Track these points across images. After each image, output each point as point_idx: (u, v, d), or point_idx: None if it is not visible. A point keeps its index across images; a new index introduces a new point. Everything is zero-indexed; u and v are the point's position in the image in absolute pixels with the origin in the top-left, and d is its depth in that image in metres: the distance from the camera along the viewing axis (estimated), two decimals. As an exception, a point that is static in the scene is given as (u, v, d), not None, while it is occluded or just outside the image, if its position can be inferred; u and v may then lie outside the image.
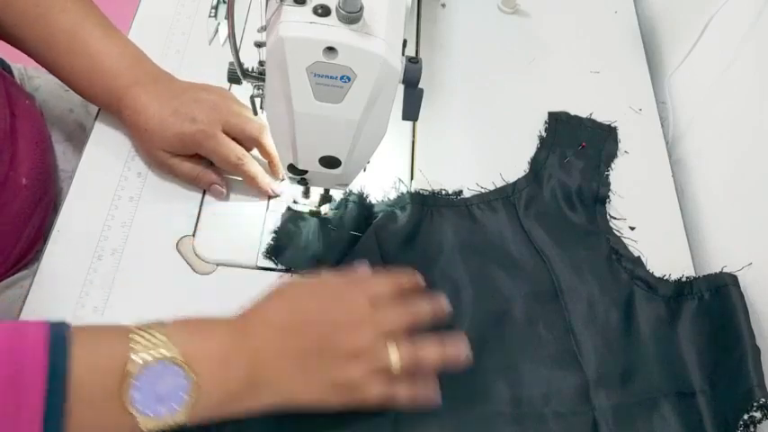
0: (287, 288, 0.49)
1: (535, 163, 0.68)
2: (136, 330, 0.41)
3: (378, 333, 0.47)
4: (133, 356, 0.39)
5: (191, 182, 0.61)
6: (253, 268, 0.59)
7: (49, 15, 0.58)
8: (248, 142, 0.60)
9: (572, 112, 0.75)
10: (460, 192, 0.65)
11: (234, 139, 0.59)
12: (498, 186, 0.66)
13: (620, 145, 0.72)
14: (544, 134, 0.71)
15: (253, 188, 0.61)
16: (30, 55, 0.60)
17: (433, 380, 0.49)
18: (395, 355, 0.46)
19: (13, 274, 0.62)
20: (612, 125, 0.72)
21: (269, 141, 0.60)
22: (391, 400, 0.47)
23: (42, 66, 0.61)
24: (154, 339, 0.40)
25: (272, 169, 0.62)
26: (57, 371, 0.37)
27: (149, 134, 0.58)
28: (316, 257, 0.58)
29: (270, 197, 0.62)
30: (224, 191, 0.61)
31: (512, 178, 0.69)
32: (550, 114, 0.72)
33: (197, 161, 0.60)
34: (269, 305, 0.47)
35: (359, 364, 0.46)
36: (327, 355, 0.45)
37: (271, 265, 0.59)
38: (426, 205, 0.63)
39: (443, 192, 0.64)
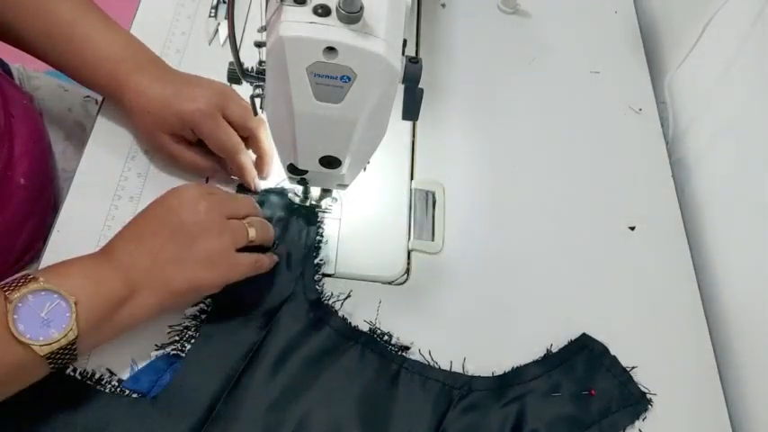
0: (136, 215, 0.53)
1: (514, 374, 0.56)
2: (5, 283, 0.45)
3: (218, 209, 0.52)
4: (8, 294, 0.43)
5: (192, 169, 0.61)
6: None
7: (48, 6, 0.58)
8: (244, 132, 0.60)
9: (572, 113, 0.74)
10: (407, 348, 0.56)
11: (235, 123, 0.59)
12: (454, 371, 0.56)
13: (619, 145, 0.72)
14: (552, 348, 0.59)
15: (239, 179, 0.61)
16: (30, 49, 0.60)
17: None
18: (252, 230, 0.53)
19: (12, 274, 0.62)
20: (649, 395, 0.57)
21: (264, 137, 0.60)
22: (260, 267, 0.54)
23: (43, 59, 0.61)
24: (27, 282, 0.44)
25: (259, 166, 0.62)
26: None
27: (152, 116, 0.58)
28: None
29: (251, 191, 0.62)
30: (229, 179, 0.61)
31: (511, 177, 0.69)
32: (581, 338, 0.59)
33: (198, 149, 0.60)
34: (120, 231, 0.52)
35: (219, 238, 0.51)
36: (180, 238, 0.50)
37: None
38: (354, 339, 0.55)
39: (388, 337, 0.56)
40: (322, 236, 0.60)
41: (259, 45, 0.47)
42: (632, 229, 0.67)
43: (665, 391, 0.58)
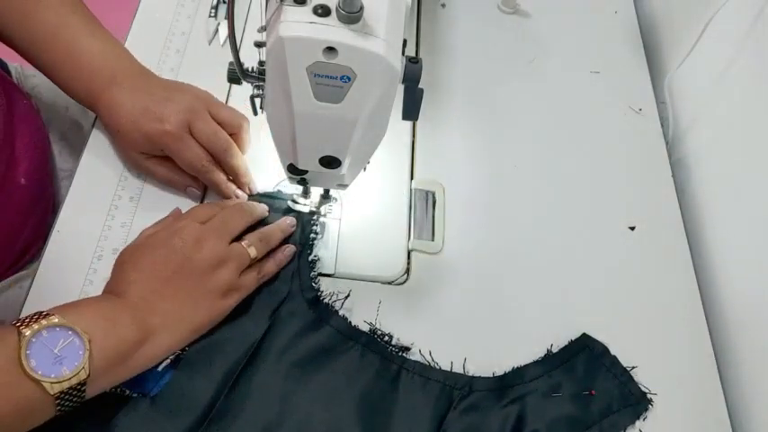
0: (124, 253, 0.53)
1: (514, 375, 0.56)
2: (18, 320, 0.44)
3: (223, 239, 0.53)
4: (22, 330, 0.42)
5: (167, 184, 0.61)
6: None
7: (34, 12, 0.58)
8: (219, 149, 0.58)
9: (572, 112, 0.74)
10: (408, 349, 0.56)
11: (202, 142, 0.58)
12: (454, 371, 0.56)
13: (619, 145, 0.72)
14: (552, 349, 0.59)
15: (218, 194, 0.61)
16: (18, 53, 0.60)
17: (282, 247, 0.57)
18: (252, 249, 0.54)
19: (12, 274, 0.62)
20: (650, 395, 0.57)
21: (235, 154, 0.59)
22: (264, 277, 0.55)
23: (34, 65, 0.60)
24: (41, 319, 0.44)
25: (238, 184, 0.61)
26: None
27: (121, 135, 0.58)
28: None
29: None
30: (199, 192, 0.61)
31: (511, 177, 0.69)
32: (581, 339, 0.59)
33: (172, 163, 0.59)
34: (119, 271, 0.51)
35: (225, 268, 0.52)
36: (192, 277, 0.50)
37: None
38: (354, 339, 0.55)
39: (387, 337, 0.56)
40: (316, 233, 0.60)
41: (259, 45, 0.47)
42: (632, 229, 0.67)
43: (665, 391, 0.58)
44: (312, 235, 0.60)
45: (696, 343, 0.62)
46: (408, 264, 0.62)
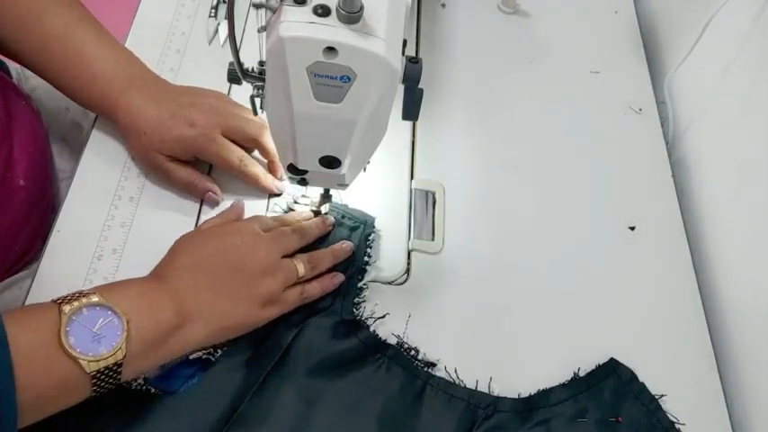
0: (185, 237, 0.53)
1: (540, 397, 0.56)
2: (60, 297, 0.45)
3: (278, 250, 0.53)
4: (63, 307, 0.43)
5: (186, 188, 0.61)
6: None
7: (42, 20, 0.58)
8: (248, 143, 0.60)
9: (572, 112, 0.74)
10: (434, 364, 0.56)
11: (233, 141, 0.59)
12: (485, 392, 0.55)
13: (619, 145, 0.72)
14: (579, 372, 0.58)
15: (257, 188, 0.61)
16: (25, 63, 0.60)
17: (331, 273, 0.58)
18: (300, 266, 0.54)
19: (11, 275, 0.62)
20: (678, 425, 0.56)
21: (269, 141, 0.60)
22: (306, 298, 0.55)
23: (39, 74, 0.60)
24: (83, 297, 0.44)
25: (271, 168, 0.62)
26: None
27: (147, 137, 0.58)
28: None
29: (273, 195, 0.62)
30: (219, 199, 0.61)
31: (511, 177, 0.69)
32: (610, 363, 0.58)
33: (194, 167, 0.60)
34: (172, 255, 0.52)
35: (272, 278, 0.52)
36: (241, 277, 0.51)
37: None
38: (380, 352, 0.55)
39: (414, 352, 0.56)
40: (370, 256, 0.60)
41: (262, 30, 0.46)
42: (632, 229, 0.67)
43: (665, 392, 0.58)
44: (366, 258, 0.59)
45: (696, 343, 0.62)
46: (408, 264, 0.62)
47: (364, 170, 0.55)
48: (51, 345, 0.42)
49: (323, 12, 0.41)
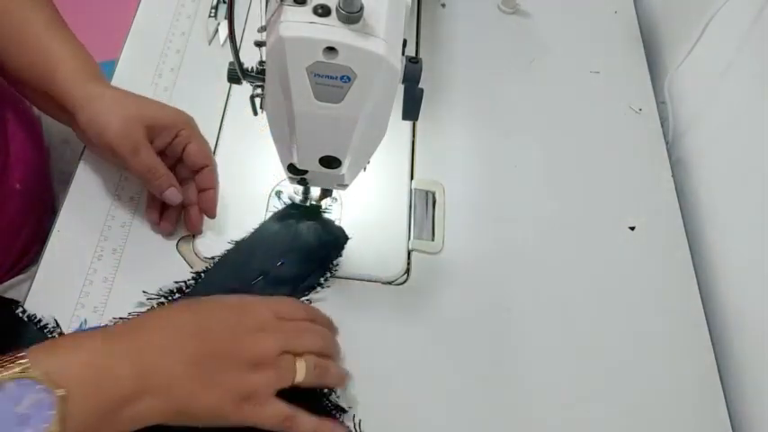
0: (192, 300, 0.48)
1: None
2: None
3: (281, 344, 0.46)
4: None
5: (147, 173, 0.55)
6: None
7: (20, 16, 0.56)
8: (204, 162, 0.58)
9: (572, 112, 0.75)
10: (344, 411, 0.53)
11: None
12: None
13: (619, 145, 0.72)
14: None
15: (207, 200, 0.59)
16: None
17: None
18: (301, 370, 0.46)
19: (10, 278, 0.62)
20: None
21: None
22: (291, 426, 0.45)
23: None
24: (10, 363, 0.37)
25: (209, 208, 0.59)
26: None
27: (125, 113, 0.54)
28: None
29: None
30: (177, 200, 0.57)
31: (511, 177, 0.69)
32: None
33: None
34: (171, 308, 0.47)
35: (261, 374, 0.44)
36: (228, 361, 0.44)
37: (271, 265, 0.59)
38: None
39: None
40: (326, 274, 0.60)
41: (259, 45, 0.47)
42: (632, 229, 0.67)
43: (666, 392, 0.58)
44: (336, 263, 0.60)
45: (696, 343, 0.62)
46: (408, 264, 0.62)
47: (364, 170, 0.55)
48: None
49: (323, 12, 0.41)
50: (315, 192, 0.61)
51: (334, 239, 0.60)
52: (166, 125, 0.56)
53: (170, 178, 0.56)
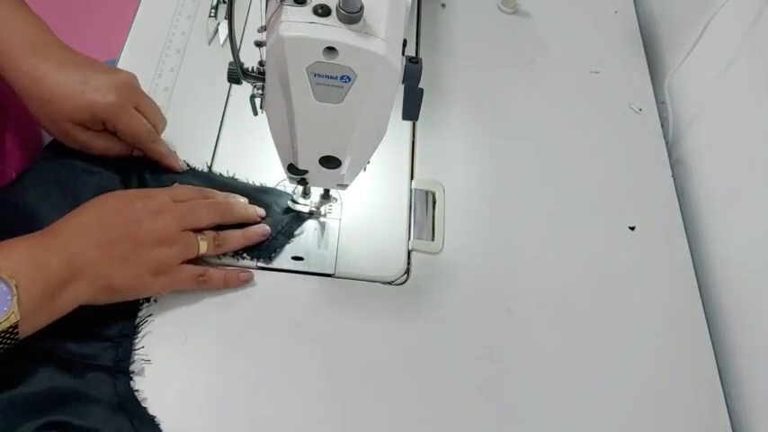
0: (94, 199, 0.53)
1: None
2: None
3: (178, 221, 0.53)
4: None
5: (106, 153, 0.59)
6: (253, 268, 0.59)
7: None
8: (158, 122, 0.60)
9: (572, 112, 0.75)
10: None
11: (147, 115, 0.58)
12: None
13: (619, 145, 0.72)
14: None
15: (161, 164, 0.61)
16: None
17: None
18: (203, 244, 0.55)
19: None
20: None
21: (160, 141, 0.60)
22: (206, 281, 0.55)
23: None
24: None
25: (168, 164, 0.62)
26: None
27: (53, 105, 0.55)
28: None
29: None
30: None
31: (511, 177, 0.69)
32: None
33: (109, 136, 0.58)
34: (74, 212, 0.51)
35: (168, 249, 0.52)
36: (134, 241, 0.51)
37: (272, 264, 0.59)
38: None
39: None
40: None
41: (259, 45, 0.47)
42: (632, 229, 0.67)
43: (666, 391, 0.58)
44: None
45: (696, 343, 0.62)
46: (408, 264, 0.62)
47: (364, 170, 0.55)
48: None
49: (323, 12, 0.41)
50: (315, 198, 0.61)
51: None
52: (85, 121, 0.57)
53: (123, 151, 0.59)
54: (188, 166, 0.63)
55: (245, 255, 0.59)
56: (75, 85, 0.55)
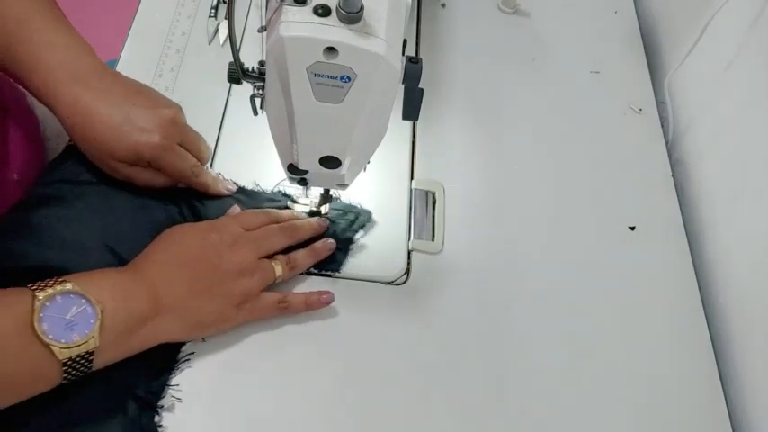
0: (167, 232, 0.54)
1: None
2: (35, 283, 0.45)
3: (255, 251, 0.54)
4: (37, 293, 0.43)
5: (150, 186, 0.59)
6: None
7: (2, 3, 0.54)
8: (203, 154, 0.60)
9: (572, 112, 0.75)
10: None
11: (191, 150, 0.58)
12: None
13: (619, 145, 0.72)
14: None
15: (207, 194, 0.60)
16: None
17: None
18: (278, 268, 0.55)
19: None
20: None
21: (207, 173, 0.60)
22: (287, 307, 0.55)
23: None
24: (57, 284, 0.44)
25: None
26: None
27: (98, 143, 0.54)
28: None
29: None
30: None
31: (511, 177, 0.69)
32: None
33: (154, 171, 0.57)
34: (152, 248, 0.52)
35: (248, 279, 0.53)
36: (216, 275, 0.52)
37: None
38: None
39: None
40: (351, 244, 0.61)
41: (262, 30, 0.46)
42: (632, 229, 0.67)
43: (666, 391, 0.58)
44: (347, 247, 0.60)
45: (696, 343, 0.62)
46: (408, 264, 0.62)
47: (364, 170, 0.55)
48: (24, 330, 0.42)
49: (323, 12, 0.41)
50: (315, 197, 0.61)
51: None
52: (128, 159, 0.56)
53: (167, 184, 0.59)
54: (235, 185, 0.62)
55: (313, 270, 0.59)
56: (119, 123, 0.53)
